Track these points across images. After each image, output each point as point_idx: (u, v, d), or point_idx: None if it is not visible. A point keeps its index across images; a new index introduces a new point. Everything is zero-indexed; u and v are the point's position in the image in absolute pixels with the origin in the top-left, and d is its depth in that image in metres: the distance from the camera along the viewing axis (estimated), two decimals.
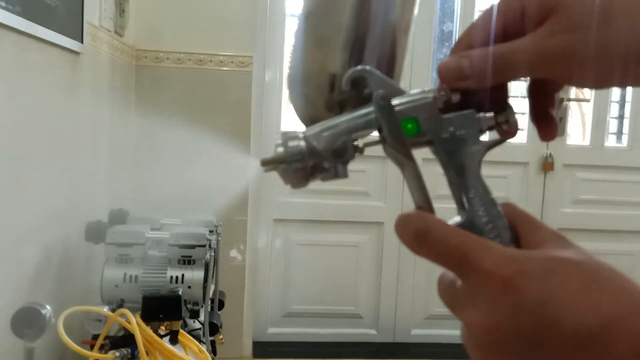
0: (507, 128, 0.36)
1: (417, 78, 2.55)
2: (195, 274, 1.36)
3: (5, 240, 1.17)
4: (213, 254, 1.47)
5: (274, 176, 0.36)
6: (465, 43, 0.36)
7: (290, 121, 2.62)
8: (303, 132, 0.35)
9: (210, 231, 1.47)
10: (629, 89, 2.79)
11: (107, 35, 1.84)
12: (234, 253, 2.39)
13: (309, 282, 2.63)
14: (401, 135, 0.34)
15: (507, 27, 0.35)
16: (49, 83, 1.36)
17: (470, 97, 0.35)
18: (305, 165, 0.34)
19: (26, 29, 1.18)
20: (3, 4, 1.06)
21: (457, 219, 0.35)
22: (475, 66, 0.34)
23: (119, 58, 2.00)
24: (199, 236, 1.38)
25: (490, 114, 0.36)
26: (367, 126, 0.35)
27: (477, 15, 2.61)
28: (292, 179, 0.35)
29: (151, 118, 2.27)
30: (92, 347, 1.16)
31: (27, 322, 0.98)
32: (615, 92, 2.82)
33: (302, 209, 2.53)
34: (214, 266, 1.49)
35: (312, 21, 0.40)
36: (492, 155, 0.37)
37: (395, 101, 0.35)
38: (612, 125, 2.85)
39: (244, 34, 2.31)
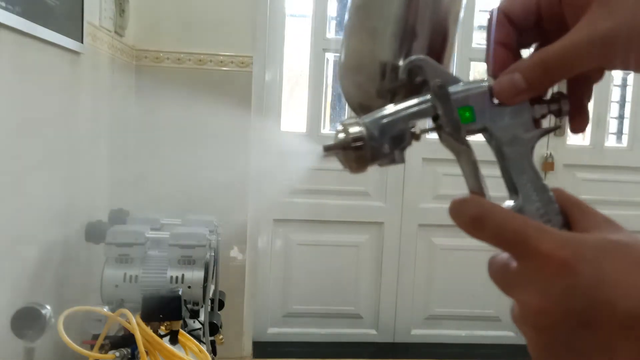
0: (561, 117, 0.37)
1: None
2: (195, 274, 1.36)
3: (5, 240, 1.17)
4: (213, 254, 1.47)
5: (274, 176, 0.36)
6: (500, 26, 0.37)
7: (290, 121, 2.62)
8: (362, 119, 0.36)
9: (210, 231, 1.47)
10: (629, 89, 2.79)
11: (107, 35, 1.83)
12: (234, 253, 2.38)
13: (309, 282, 2.63)
14: (458, 122, 0.36)
15: (544, 15, 0.35)
16: (49, 83, 1.36)
17: None
18: (365, 151, 0.35)
19: (26, 29, 1.17)
20: (3, 4, 1.06)
21: (510, 203, 0.36)
22: (529, 79, 0.35)
23: (119, 58, 2.00)
24: (199, 236, 1.38)
25: (543, 104, 0.37)
26: (424, 114, 0.36)
27: (477, 15, 2.61)
28: (352, 164, 0.36)
29: (151, 118, 2.27)
30: (92, 347, 1.16)
31: (27, 322, 0.98)
32: (615, 92, 2.82)
33: (302, 209, 2.53)
34: (214, 266, 1.49)
35: (363, 12, 0.41)
36: (492, 155, 0.37)
37: (451, 90, 0.36)
38: (612, 125, 2.85)
39: (244, 34, 2.31)
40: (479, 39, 2.67)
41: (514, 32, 0.37)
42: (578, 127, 0.38)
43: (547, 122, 0.38)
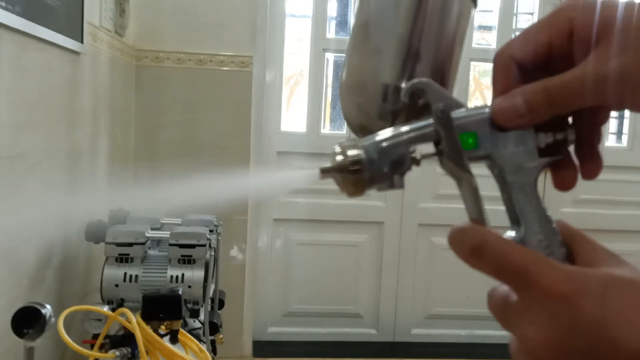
0: (566, 147, 0.36)
1: None
2: (195, 274, 1.36)
3: (5, 240, 1.17)
4: (213, 253, 1.47)
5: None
6: (507, 71, 0.35)
7: (290, 121, 2.62)
8: (361, 141, 0.35)
9: (210, 231, 1.47)
10: None
11: (107, 35, 1.84)
12: (234, 252, 2.39)
13: (309, 281, 2.63)
14: (460, 149, 0.35)
15: (553, 46, 0.34)
16: (49, 83, 1.36)
17: None
18: (363, 175, 0.34)
19: (26, 29, 1.18)
20: (3, 4, 1.06)
21: (511, 233, 0.35)
22: (530, 104, 0.34)
23: (119, 58, 2.00)
24: (199, 235, 1.38)
25: (549, 133, 0.35)
26: (426, 138, 0.35)
27: (477, 16, 2.61)
28: (349, 187, 0.35)
29: (151, 118, 2.27)
30: (92, 347, 1.16)
31: (27, 321, 0.98)
32: None
33: (302, 209, 2.53)
34: (214, 265, 1.49)
35: (367, 31, 0.40)
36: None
37: (454, 115, 0.35)
38: (612, 125, 2.85)
39: (244, 34, 2.31)
40: (479, 39, 2.68)
41: (521, 76, 0.36)
42: (591, 172, 0.37)
43: None
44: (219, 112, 2.31)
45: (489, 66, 2.70)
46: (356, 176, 0.34)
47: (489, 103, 0.36)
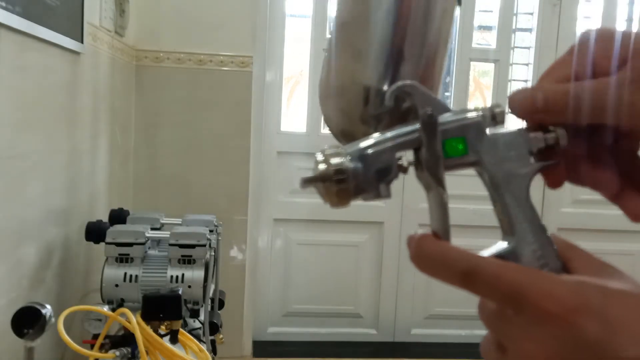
0: (557, 150, 0.34)
1: None
2: (195, 274, 1.36)
3: (5, 239, 1.17)
4: (213, 253, 1.47)
5: (274, 176, 0.36)
6: (551, 78, 0.34)
7: (290, 121, 2.62)
8: (345, 149, 0.33)
9: (211, 231, 1.47)
10: None
11: (107, 35, 1.84)
12: (234, 252, 2.39)
13: (309, 281, 2.63)
14: (441, 158, 0.33)
15: (597, 66, 0.33)
16: (49, 83, 1.37)
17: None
18: (348, 185, 0.32)
19: (26, 29, 1.18)
20: (3, 4, 1.06)
21: (503, 245, 0.33)
22: (548, 100, 0.33)
23: (119, 58, 2.00)
24: (199, 236, 1.38)
25: (540, 135, 0.34)
26: (413, 144, 0.33)
27: (477, 16, 2.61)
28: (333, 197, 0.33)
29: (151, 118, 2.27)
30: (92, 347, 1.16)
31: (27, 321, 0.98)
32: None
33: (302, 209, 2.53)
34: (214, 266, 1.49)
35: (347, 31, 0.39)
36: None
37: (441, 119, 0.33)
38: None
39: (244, 34, 2.31)
40: (479, 39, 2.68)
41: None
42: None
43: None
44: (219, 112, 2.31)
45: (489, 66, 2.70)
46: (340, 186, 0.32)
47: (489, 104, 0.35)
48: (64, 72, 1.47)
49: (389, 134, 0.33)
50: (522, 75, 2.68)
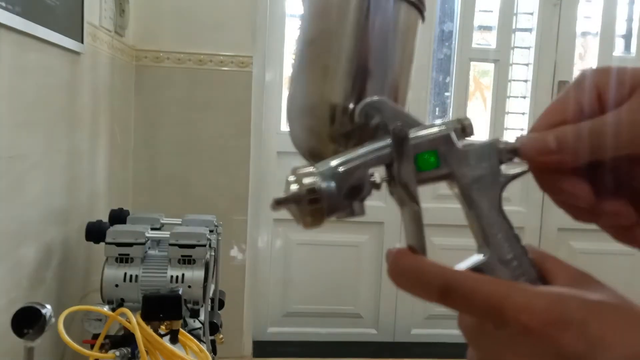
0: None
1: (417, 79, 2.55)
2: (195, 274, 1.36)
3: (5, 240, 1.17)
4: (213, 253, 1.47)
5: (274, 176, 0.36)
6: (549, 119, 0.34)
7: None
8: (316, 168, 0.33)
9: (211, 231, 1.47)
10: None
11: (107, 35, 1.84)
12: (234, 253, 2.39)
13: (309, 282, 2.64)
14: (413, 172, 0.33)
15: (601, 101, 0.33)
16: (49, 83, 1.37)
17: None
18: (321, 205, 0.32)
19: (26, 29, 1.18)
20: (3, 4, 1.06)
21: (479, 257, 0.33)
22: (561, 140, 0.32)
23: (119, 58, 2.00)
24: (199, 236, 1.38)
25: (511, 143, 0.34)
26: (384, 160, 0.33)
27: (477, 16, 2.61)
28: (306, 218, 0.32)
29: (151, 118, 2.27)
30: (92, 347, 1.16)
31: (27, 321, 0.98)
32: None
33: None
34: (214, 266, 1.49)
35: (313, 48, 0.38)
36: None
37: (412, 134, 0.33)
38: None
39: (244, 34, 2.31)
40: (479, 39, 2.68)
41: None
42: None
43: None
44: (219, 112, 2.31)
45: (488, 66, 2.70)
46: (314, 206, 0.32)
47: (489, 105, 0.35)
48: (64, 72, 1.47)
49: (360, 151, 0.33)
50: (522, 75, 2.68)
